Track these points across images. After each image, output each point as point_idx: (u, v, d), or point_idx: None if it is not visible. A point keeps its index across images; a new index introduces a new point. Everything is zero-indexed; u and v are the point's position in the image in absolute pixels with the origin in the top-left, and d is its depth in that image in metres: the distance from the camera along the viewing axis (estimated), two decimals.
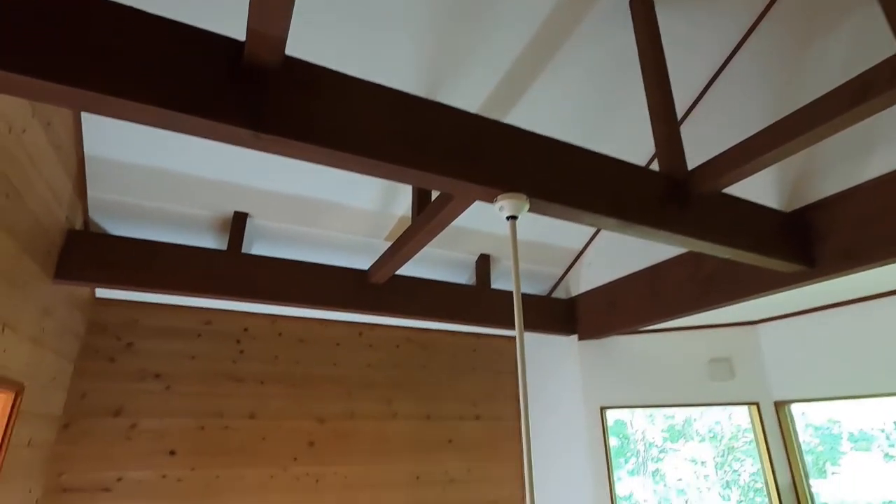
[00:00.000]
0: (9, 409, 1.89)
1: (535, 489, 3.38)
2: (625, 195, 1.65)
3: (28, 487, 2.26)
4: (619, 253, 3.05)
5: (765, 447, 2.85)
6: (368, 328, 3.44)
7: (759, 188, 2.24)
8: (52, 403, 2.41)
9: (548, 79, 2.29)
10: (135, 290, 2.33)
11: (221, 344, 2.99)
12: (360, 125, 1.27)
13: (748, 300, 2.23)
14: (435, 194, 2.22)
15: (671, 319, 2.65)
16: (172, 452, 2.71)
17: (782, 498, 2.72)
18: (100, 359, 2.71)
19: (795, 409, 2.93)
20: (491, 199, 1.50)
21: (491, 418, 3.63)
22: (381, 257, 2.49)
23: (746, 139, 1.57)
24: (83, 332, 2.71)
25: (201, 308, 2.99)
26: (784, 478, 2.77)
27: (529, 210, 1.55)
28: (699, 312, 2.47)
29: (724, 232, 1.80)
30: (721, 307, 2.35)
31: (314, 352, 3.22)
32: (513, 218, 1.49)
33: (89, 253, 2.24)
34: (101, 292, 2.77)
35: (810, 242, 2.00)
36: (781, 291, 2.13)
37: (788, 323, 2.93)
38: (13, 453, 1.98)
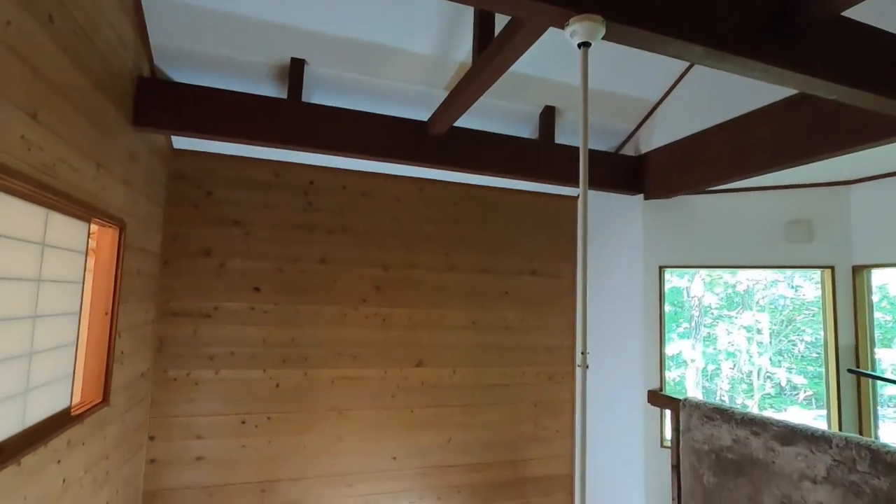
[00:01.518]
0: (117, 241, 2.16)
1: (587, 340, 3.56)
2: (720, 18, 1.42)
3: (144, 309, 2.66)
4: (700, 104, 2.75)
5: (832, 311, 2.77)
6: (428, 184, 3.47)
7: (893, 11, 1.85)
8: (151, 241, 2.71)
9: None
10: (207, 138, 2.43)
11: (290, 195, 3.15)
12: None
13: (850, 152, 1.99)
14: (498, 30, 2.02)
15: (756, 176, 2.44)
16: (257, 289, 3.05)
17: (840, 358, 2.72)
18: (185, 205, 2.96)
19: (874, 279, 2.76)
20: (562, 24, 1.34)
21: (546, 275, 3.74)
22: (441, 104, 2.39)
23: None
24: (166, 180, 2.93)
25: (269, 160, 3.10)
26: (847, 340, 2.73)
27: (605, 37, 1.38)
28: (789, 168, 2.25)
29: (838, 65, 1.54)
30: (817, 161, 2.12)
31: (376, 205, 3.33)
32: (586, 45, 1.34)
33: (161, 100, 2.31)
34: (178, 142, 2.92)
35: None
36: (893, 142, 1.87)
37: (886, 183, 2.63)
38: (127, 279, 2.30)
